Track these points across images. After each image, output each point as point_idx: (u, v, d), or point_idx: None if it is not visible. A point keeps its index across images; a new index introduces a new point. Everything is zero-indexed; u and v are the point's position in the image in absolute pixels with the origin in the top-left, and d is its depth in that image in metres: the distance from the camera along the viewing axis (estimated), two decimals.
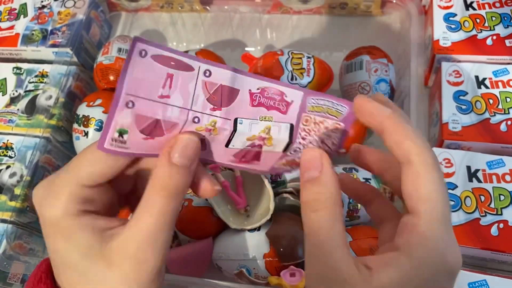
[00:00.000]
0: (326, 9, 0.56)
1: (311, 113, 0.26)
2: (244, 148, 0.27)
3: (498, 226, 0.39)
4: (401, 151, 0.22)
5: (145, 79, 0.23)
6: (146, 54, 0.23)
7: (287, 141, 0.26)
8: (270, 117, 0.26)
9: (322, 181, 0.22)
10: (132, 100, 0.23)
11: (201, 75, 0.25)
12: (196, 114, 0.25)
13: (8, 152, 0.50)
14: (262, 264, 0.40)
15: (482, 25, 0.49)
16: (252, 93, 0.26)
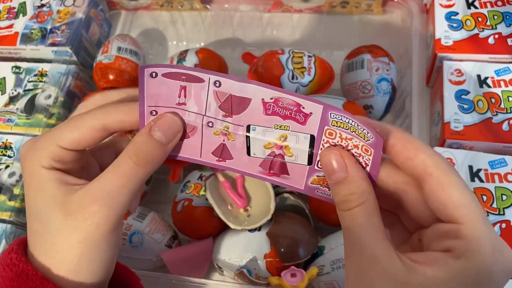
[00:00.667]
0: (327, 8, 0.56)
1: (335, 128, 0.25)
2: (267, 158, 0.27)
3: (500, 226, 0.39)
4: (416, 165, 0.22)
5: (161, 92, 0.26)
6: (157, 74, 0.26)
7: (308, 152, 0.26)
8: (287, 126, 0.26)
9: (349, 181, 0.23)
10: (154, 110, 0.26)
11: (212, 85, 0.26)
12: (210, 119, 0.27)
13: (7, 152, 0.50)
14: (263, 265, 0.40)
15: (484, 24, 0.49)
16: (265, 102, 0.26)
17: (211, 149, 0.28)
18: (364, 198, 0.22)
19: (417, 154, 0.22)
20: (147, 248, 0.42)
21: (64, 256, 0.25)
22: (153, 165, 0.25)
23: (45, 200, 0.25)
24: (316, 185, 0.27)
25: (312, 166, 0.26)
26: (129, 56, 0.52)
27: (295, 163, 0.27)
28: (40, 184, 0.25)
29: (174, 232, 0.44)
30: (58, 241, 0.25)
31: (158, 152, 0.25)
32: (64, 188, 0.25)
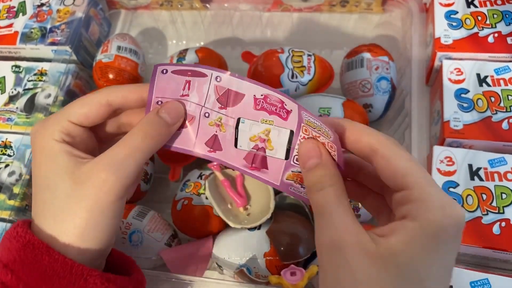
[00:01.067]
0: (327, 7, 0.56)
1: (308, 126, 0.28)
2: (251, 151, 0.30)
3: (500, 225, 0.39)
4: (363, 146, 0.25)
5: (168, 86, 0.30)
6: (167, 71, 0.30)
7: (286, 146, 0.29)
8: (271, 121, 0.29)
9: (323, 165, 0.26)
10: (160, 100, 0.30)
11: (213, 80, 0.30)
12: (207, 111, 0.30)
13: (7, 151, 0.50)
14: (263, 263, 0.40)
15: (484, 22, 0.49)
16: (256, 98, 0.29)
17: (204, 139, 0.30)
18: (335, 180, 0.25)
19: (362, 136, 0.25)
20: (147, 246, 0.42)
21: (72, 221, 0.27)
22: (158, 141, 0.28)
23: (55, 170, 0.27)
24: (290, 181, 0.29)
25: (289, 161, 0.29)
26: (128, 55, 0.52)
27: (274, 157, 0.29)
28: (51, 156, 0.28)
29: (174, 231, 0.44)
30: (67, 207, 0.27)
31: (163, 130, 0.28)
32: (73, 160, 0.27)
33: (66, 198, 0.27)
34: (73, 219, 0.27)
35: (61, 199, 0.27)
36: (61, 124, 0.28)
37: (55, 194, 0.27)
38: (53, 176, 0.27)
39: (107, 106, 0.29)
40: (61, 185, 0.27)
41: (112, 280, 0.27)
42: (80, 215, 0.26)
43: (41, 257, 0.26)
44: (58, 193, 0.27)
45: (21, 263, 0.26)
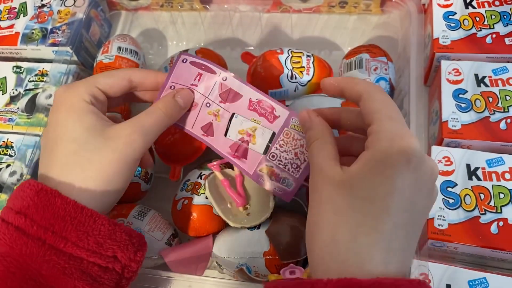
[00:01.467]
0: (326, 8, 0.56)
1: (292, 130, 0.36)
2: (237, 142, 0.36)
3: (497, 224, 0.39)
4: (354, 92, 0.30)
5: (183, 75, 0.37)
6: (187, 60, 0.38)
7: (267, 143, 0.36)
8: (259, 121, 0.36)
9: (311, 127, 0.32)
10: (174, 85, 0.37)
11: (220, 78, 0.37)
12: (209, 101, 0.37)
13: (8, 151, 0.50)
14: (262, 262, 0.40)
15: (482, 23, 0.49)
16: (251, 101, 0.37)
17: (201, 124, 0.37)
18: (319, 135, 0.31)
19: (354, 85, 0.30)
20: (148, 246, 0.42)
21: (102, 169, 0.31)
22: (171, 119, 0.35)
23: (84, 127, 0.31)
24: (262, 173, 0.36)
25: (265, 156, 0.36)
26: (129, 56, 0.52)
27: (255, 150, 0.36)
28: (80, 113, 0.32)
29: (174, 230, 0.44)
30: (97, 158, 0.31)
31: (176, 111, 0.35)
32: (100, 120, 0.32)
33: (97, 150, 0.31)
34: (103, 167, 0.31)
35: (90, 150, 0.31)
36: (90, 88, 0.33)
37: (84, 147, 0.31)
38: (81, 132, 0.31)
39: (128, 81, 0.35)
40: (91, 140, 0.31)
41: (118, 224, 0.31)
42: (110, 164, 0.31)
43: (54, 200, 0.29)
44: (88, 146, 0.31)
45: (35, 207, 0.29)
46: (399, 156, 0.25)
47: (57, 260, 0.28)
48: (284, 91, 0.48)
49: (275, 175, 0.36)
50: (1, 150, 0.50)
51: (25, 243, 0.28)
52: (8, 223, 0.29)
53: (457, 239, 0.39)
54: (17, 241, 0.28)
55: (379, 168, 0.26)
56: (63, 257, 0.28)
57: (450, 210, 0.40)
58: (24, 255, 0.28)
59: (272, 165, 0.36)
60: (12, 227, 0.28)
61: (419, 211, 0.27)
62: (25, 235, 0.28)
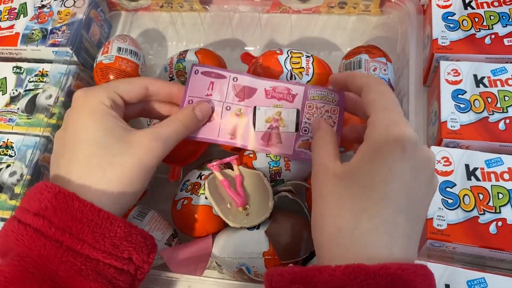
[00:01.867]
0: (325, 8, 0.56)
1: (313, 101, 0.38)
2: (266, 131, 0.38)
3: (496, 224, 0.40)
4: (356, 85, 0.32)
5: (197, 86, 0.40)
6: (198, 71, 0.41)
7: (295, 121, 0.38)
8: (281, 105, 0.38)
9: (318, 128, 0.34)
10: (191, 99, 0.39)
11: (231, 80, 0.40)
12: (228, 104, 0.39)
13: (8, 151, 0.50)
14: (262, 262, 0.40)
15: (481, 24, 0.49)
16: (266, 90, 0.39)
17: (227, 129, 0.39)
18: (322, 135, 0.33)
19: (356, 79, 0.32)
20: None
21: (121, 172, 0.32)
22: (189, 131, 0.37)
23: (105, 131, 0.32)
24: (301, 149, 0.38)
25: (298, 133, 0.38)
26: (129, 57, 0.52)
27: (287, 131, 0.38)
28: (101, 118, 0.32)
29: (174, 230, 0.44)
30: (117, 161, 0.32)
31: (194, 123, 0.37)
32: (120, 125, 0.33)
33: (118, 154, 0.32)
34: (124, 171, 0.32)
35: (111, 154, 0.32)
36: (110, 93, 0.34)
37: (105, 150, 0.31)
38: (103, 134, 0.32)
39: (145, 89, 0.37)
40: (111, 143, 0.32)
41: (133, 226, 0.32)
42: (131, 169, 0.32)
43: (71, 202, 0.29)
44: (110, 150, 0.32)
45: (53, 209, 0.29)
46: (394, 143, 0.27)
47: (74, 261, 0.29)
48: None
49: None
50: (1, 151, 0.50)
51: (43, 244, 0.29)
52: (26, 225, 0.29)
53: (456, 239, 0.39)
54: (36, 243, 0.29)
55: (376, 157, 0.27)
56: (80, 259, 0.29)
57: (449, 210, 0.40)
58: (42, 257, 0.29)
59: (307, 138, 0.38)
60: (31, 229, 0.29)
61: (420, 197, 0.27)
62: (43, 237, 0.29)
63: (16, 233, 0.29)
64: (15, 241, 0.29)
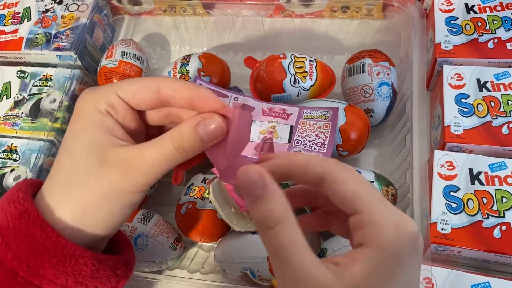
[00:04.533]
0: (328, 13, 0.56)
1: (306, 119, 0.39)
2: (260, 141, 0.37)
3: (500, 228, 0.40)
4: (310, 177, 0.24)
5: None
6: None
7: (288, 134, 0.38)
8: (276, 121, 0.38)
9: (268, 198, 0.23)
10: None
11: (232, 99, 0.40)
12: None
13: (13, 155, 0.50)
14: (266, 266, 0.40)
15: (484, 28, 0.49)
16: (264, 109, 0.39)
17: None
18: (285, 215, 0.22)
19: (308, 167, 0.24)
20: (152, 250, 0.42)
21: (83, 198, 0.26)
22: (189, 154, 0.28)
23: (85, 142, 0.27)
24: None
25: (291, 144, 0.38)
26: (132, 61, 0.53)
27: (280, 142, 0.37)
28: (88, 125, 0.27)
29: (178, 234, 0.44)
30: (82, 183, 0.26)
31: (197, 145, 0.28)
32: (108, 138, 0.27)
33: (85, 175, 0.26)
34: (85, 196, 0.26)
35: (79, 173, 0.26)
36: (108, 96, 0.28)
37: (76, 166, 0.26)
38: (80, 147, 0.27)
39: (155, 92, 0.28)
40: (84, 160, 0.26)
41: (103, 260, 0.27)
42: (94, 195, 0.26)
43: (34, 230, 0.25)
44: (79, 166, 0.26)
45: (14, 232, 0.25)
46: (408, 247, 0.22)
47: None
48: (287, 96, 0.48)
49: None
50: (6, 155, 0.50)
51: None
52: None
53: (460, 243, 0.39)
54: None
55: (390, 266, 0.22)
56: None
57: (453, 215, 0.40)
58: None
59: (299, 149, 0.37)
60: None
61: None
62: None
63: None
64: None
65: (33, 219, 0.25)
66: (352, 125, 0.45)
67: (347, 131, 0.44)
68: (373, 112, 0.48)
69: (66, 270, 0.26)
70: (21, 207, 0.26)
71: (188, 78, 0.50)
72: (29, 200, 0.26)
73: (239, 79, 0.54)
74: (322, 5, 0.55)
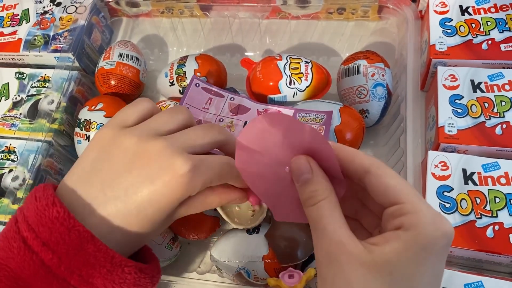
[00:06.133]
0: (324, 14, 0.57)
1: None
2: None
3: (493, 228, 0.40)
4: (356, 166, 0.26)
5: (196, 98, 0.44)
6: (199, 85, 0.45)
7: None
8: None
9: (314, 181, 0.26)
10: (188, 106, 0.42)
11: (228, 99, 0.44)
12: (221, 117, 0.43)
13: (11, 156, 0.51)
14: (261, 266, 0.40)
15: (478, 30, 0.50)
16: (259, 111, 0.42)
17: None
18: (326, 194, 0.26)
19: (355, 158, 0.26)
20: None
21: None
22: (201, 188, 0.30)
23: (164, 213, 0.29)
24: None
25: None
26: (130, 62, 0.53)
27: None
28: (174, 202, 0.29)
29: (174, 234, 0.45)
30: None
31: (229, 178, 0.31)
32: None
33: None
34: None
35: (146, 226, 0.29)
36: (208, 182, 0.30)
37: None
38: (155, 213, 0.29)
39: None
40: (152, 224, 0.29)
41: (143, 270, 0.29)
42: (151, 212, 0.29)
43: (86, 245, 0.27)
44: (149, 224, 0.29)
45: (65, 247, 0.27)
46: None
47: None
48: (283, 97, 0.49)
49: None
50: (4, 155, 0.51)
51: (50, 282, 0.27)
52: (32, 252, 0.27)
53: (454, 243, 0.40)
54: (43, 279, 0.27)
55: (421, 254, 0.23)
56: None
57: (446, 215, 0.41)
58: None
59: None
60: (38, 260, 0.27)
61: None
62: (51, 274, 0.27)
63: (21, 256, 0.27)
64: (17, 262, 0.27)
65: (83, 235, 0.27)
66: (347, 125, 0.45)
67: (342, 132, 0.45)
68: (368, 113, 0.48)
69: (113, 279, 0.28)
70: (68, 224, 0.27)
71: (184, 79, 0.50)
72: (72, 216, 0.27)
73: (235, 80, 0.54)
74: (318, 7, 0.55)
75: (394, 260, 0.23)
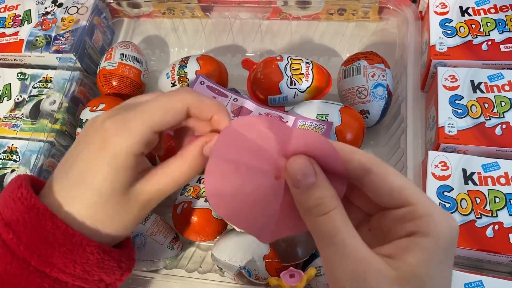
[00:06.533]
0: (325, 15, 0.57)
1: None
2: None
3: (493, 228, 0.40)
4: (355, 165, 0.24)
5: None
6: (204, 83, 0.46)
7: None
8: None
9: (320, 185, 0.23)
10: None
11: (232, 100, 0.45)
12: None
13: (13, 156, 0.51)
14: (262, 266, 0.41)
15: (478, 30, 0.50)
16: (260, 114, 0.42)
17: None
18: (336, 201, 0.23)
19: (353, 156, 0.24)
20: (150, 249, 0.43)
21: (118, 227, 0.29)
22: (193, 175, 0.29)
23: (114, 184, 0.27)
24: None
25: None
26: (131, 63, 0.53)
27: None
28: (119, 171, 0.27)
29: (176, 233, 0.45)
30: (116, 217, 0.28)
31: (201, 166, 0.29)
32: (134, 177, 0.28)
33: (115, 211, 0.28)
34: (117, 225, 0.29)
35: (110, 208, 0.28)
36: (145, 136, 0.27)
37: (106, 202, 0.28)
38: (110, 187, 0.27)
39: (185, 114, 0.28)
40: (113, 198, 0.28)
41: (108, 251, 0.28)
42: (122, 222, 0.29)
43: (44, 222, 0.27)
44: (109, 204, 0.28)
45: (24, 225, 0.27)
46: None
47: (41, 282, 0.27)
48: (284, 97, 0.49)
49: None
50: (6, 156, 0.51)
51: (10, 262, 0.27)
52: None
53: None
54: (3, 258, 0.27)
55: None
56: (47, 280, 0.28)
57: None
58: (8, 273, 0.27)
59: None
60: (0, 241, 0.27)
61: None
62: (10, 254, 0.27)
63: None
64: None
65: (43, 213, 0.27)
66: (348, 126, 0.45)
67: (343, 132, 0.45)
68: (368, 113, 0.48)
69: (74, 258, 0.27)
70: (28, 203, 0.27)
71: (186, 80, 0.50)
72: (34, 196, 0.28)
73: (236, 81, 0.54)
74: (319, 7, 0.56)
75: (423, 272, 0.21)
